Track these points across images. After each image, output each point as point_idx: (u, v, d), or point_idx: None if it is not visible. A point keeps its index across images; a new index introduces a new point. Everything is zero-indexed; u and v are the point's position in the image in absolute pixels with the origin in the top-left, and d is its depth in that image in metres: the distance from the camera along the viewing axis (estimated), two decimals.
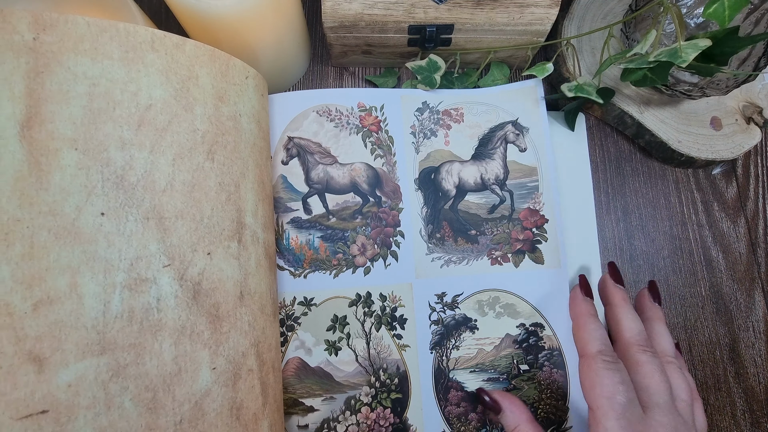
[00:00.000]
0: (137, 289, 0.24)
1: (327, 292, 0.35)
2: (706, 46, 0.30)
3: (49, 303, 0.22)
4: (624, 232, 0.40)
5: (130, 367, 0.23)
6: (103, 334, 0.23)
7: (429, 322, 0.36)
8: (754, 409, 0.37)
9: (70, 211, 0.23)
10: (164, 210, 0.26)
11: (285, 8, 0.33)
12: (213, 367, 0.26)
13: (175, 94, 0.27)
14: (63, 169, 0.23)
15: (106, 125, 0.25)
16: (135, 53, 0.26)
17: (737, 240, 0.41)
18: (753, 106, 0.40)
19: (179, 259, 0.26)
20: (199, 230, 0.27)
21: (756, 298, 0.40)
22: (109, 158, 0.24)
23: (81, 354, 0.22)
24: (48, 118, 0.23)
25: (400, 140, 0.38)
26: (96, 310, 0.23)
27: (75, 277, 0.23)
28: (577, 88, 0.37)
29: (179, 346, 0.25)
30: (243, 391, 0.27)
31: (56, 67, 0.24)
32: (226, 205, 0.28)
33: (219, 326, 0.27)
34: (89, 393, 0.22)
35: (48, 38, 0.24)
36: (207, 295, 0.26)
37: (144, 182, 0.25)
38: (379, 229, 0.37)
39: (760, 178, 0.42)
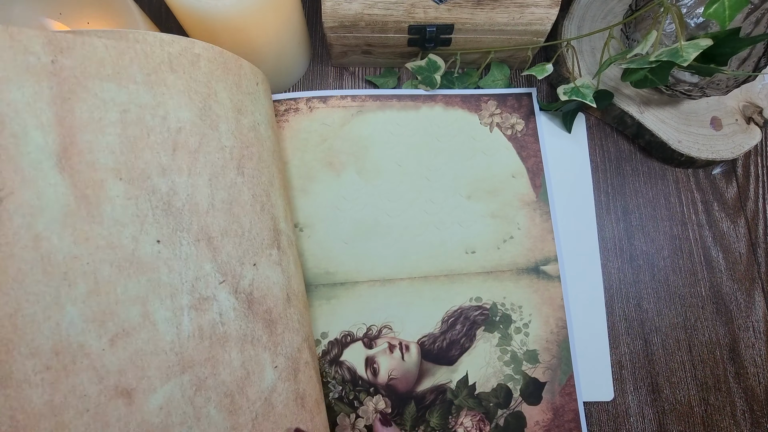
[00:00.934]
0: (201, 307, 0.25)
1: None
2: (707, 46, 0.30)
3: (125, 335, 0.23)
4: (624, 232, 0.40)
5: (209, 379, 0.25)
6: (181, 354, 0.24)
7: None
8: (754, 409, 0.37)
9: (128, 243, 0.23)
10: (211, 230, 0.26)
11: (285, 8, 0.33)
12: (275, 366, 0.28)
13: (200, 114, 0.27)
14: (112, 200, 0.23)
15: (144, 152, 0.24)
16: (156, 75, 0.25)
17: (737, 240, 0.41)
18: (753, 106, 0.40)
19: (231, 274, 0.27)
20: (243, 244, 0.28)
21: (756, 298, 0.40)
22: (153, 186, 0.24)
23: (165, 377, 0.24)
24: (86, 148, 0.22)
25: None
26: (171, 334, 0.24)
27: (146, 305, 0.23)
28: (573, 91, 0.37)
29: (244, 352, 0.27)
30: (303, 382, 0.29)
31: (83, 93, 0.23)
32: (262, 215, 0.29)
33: (274, 329, 0.28)
34: (179, 410, 0.24)
35: (67, 62, 0.22)
36: (259, 303, 0.28)
37: (189, 206, 0.26)
38: None
39: (760, 178, 0.42)
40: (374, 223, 0.37)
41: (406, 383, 0.34)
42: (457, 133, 0.39)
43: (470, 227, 0.37)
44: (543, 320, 0.36)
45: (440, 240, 0.37)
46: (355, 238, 0.37)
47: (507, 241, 0.37)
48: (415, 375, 0.35)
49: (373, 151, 0.39)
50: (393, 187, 0.38)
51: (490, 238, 0.37)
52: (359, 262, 0.37)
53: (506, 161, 0.39)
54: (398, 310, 0.36)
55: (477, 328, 0.36)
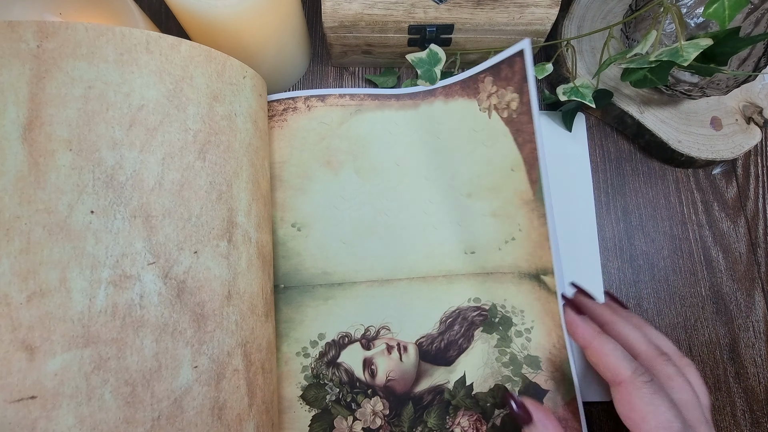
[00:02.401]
0: (121, 285, 0.25)
1: None
2: (707, 46, 0.30)
3: (41, 295, 0.23)
4: (624, 232, 0.40)
5: (111, 361, 0.24)
6: (88, 327, 0.24)
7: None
8: (754, 409, 0.37)
9: (63, 209, 0.24)
10: (151, 208, 0.26)
11: (285, 8, 0.33)
12: (195, 366, 0.26)
13: (167, 95, 0.27)
14: (58, 169, 0.25)
15: (99, 126, 0.25)
16: (129, 55, 0.26)
17: (737, 240, 0.41)
18: (753, 106, 0.40)
19: (164, 257, 0.26)
20: (187, 229, 0.27)
21: (756, 298, 0.40)
22: (100, 158, 0.25)
23: (67, 345, 0.24)
24: (47, 120, 0.25)
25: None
26: (82, 304, 0.24)
27: (65, 271, 0.24)
28: (572, 91, 0.37)
29: (160, 343, 0.25)
30: (227, 391, 0.27)
31: (56, 72, 0.25)
32: (217, 204, 0.28)
33: (203, 325, 0.27)
34: (73, 383, 0.23)
35: (50, 45, 0.25)
36: (192, 294, 0.27)
37: (132, 181, 0.26)
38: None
39: (760, 178, 0.42)
40: (372, 223, 0.37)
41: (404, 384, 0.34)
42: (457, 126, 0.38)
43: (470, 227, 0.37)
44: (546, 331, 0.34)
45: (440, 240, 0.37)
46: (353, 238, 0.37)
47: (509, 243, 0.37)
48: (413, 376, 0.34)
49: (371, 150, 0.38)
50: (391, 187, 0.38)
51: (491, 239, 0.37)
52: (357, 262, 0.36)
53: (505, 151, 0.37)
54: (396, 311, 0.36)
55: (475, 329, 0.35)
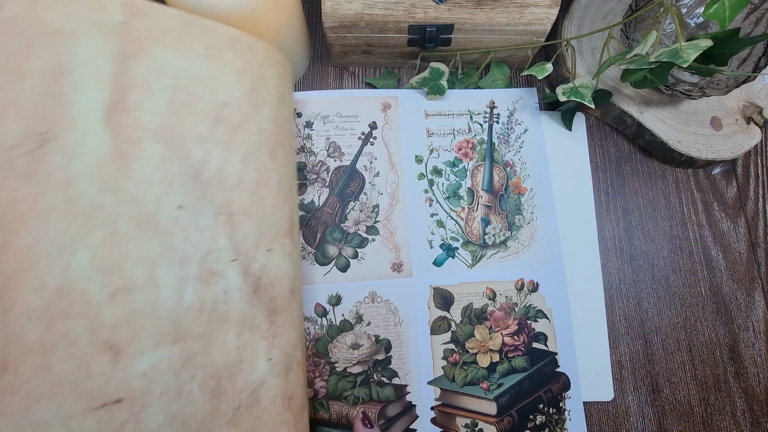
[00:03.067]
0: (208, 281, 0.25)
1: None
2: (707, 46, 0.30)
3: (127, 292, 0.22)
4: (624, 232, 0.40)
5: (200, 356, 0.24)
6: (177, 323, 0.23)
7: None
8: (754, 409, 0.37)
9: (151, 202, 0.23)
10: (234, 206, 0.26)
11: (285, 8, 0.33)
12: (269, 358, 0.27)
13: (247, 94, 0.27)
14: (146, 159, 0.23)
15: (187, 119, 0.25)
16: (216, 50, 0.26)
17: (737, 240, 0.41)
18: (753, 106, 0.40)
19: (244, 254, 0.26)
20: (262, 227, 0.27)
21: (756, 298, 0.40)
22: (188, 152, 0.25)
23: (156, 343, 0.23)
24: (134, 106, 0.23)
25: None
26: (171, 301, 0.23)
27: (153, 267, 0.23)
28: (572, 92, 0.37)
29: (241, 337, 0.26)
30: (294, 382, 0.28)
31: (144, 56, 0.24)
32: (283, 204, 0.29)
33: (275, 320, 0.27)
34: (163, 381, 0.23)
35: (138, 25, 0.24)
36: (266, 290, 0.27)
37: (218, 178, 0.26)
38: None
39: (760, 178, 0.42)
40: None
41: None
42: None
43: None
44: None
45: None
46: None
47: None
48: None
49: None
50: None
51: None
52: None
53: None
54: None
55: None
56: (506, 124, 0.41)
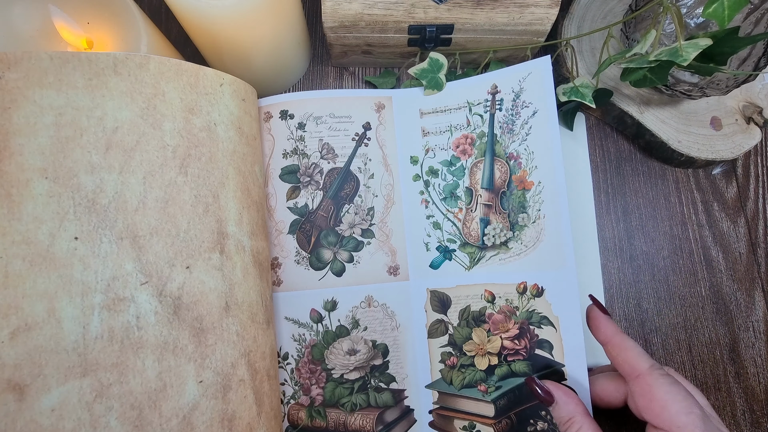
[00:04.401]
0: (115, 308, 0.24)
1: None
2: (707, 46, 0.30)
3: (27, 330, 0.23)
4: (624, 232, 0.40)
5: (114, 387, 0.24)
6: (84, 355, 0.23)
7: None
8: (754, 409, 0.37)
9: (44, 238, 0.24)
10: (138, 228, 0.26)
11: (285, 8, 0.33)
12: (200, 381, 0.26)
13: (141, 114, 0.27)
14: (35, 198, 0.24)
15: (75, 152, 0.25)
16: (98, 79, 0.26)
17: (737, 240, 0.41)
18: (753, 106, 0.40)
19: (157, 276, 0.26)
20: (176, 245, 0.27)
21: (756, 298, 0.40)
22: (79, 184, 0.25)
23: (63, 377, 0.23)
24: (17, 150, 0.24)
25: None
26: (75, 333, 0.23)
27: (52, 302, 0.23)
28: (572, 91, 0.37)
29: (162, 362, 0.25)
30: (235, 402, 0.27)
31: (23, 102, 0.25)
32: (204, 217, 0.28)
33: (204, 339, 0.27)
34: (74, 416, 0.23)
35: (13, 75, 0.25)
36: (188, 309, 0.26)
37: (116, 203, 0.26)
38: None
39: (760, 178, 0.42)
40: None
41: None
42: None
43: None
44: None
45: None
46: None
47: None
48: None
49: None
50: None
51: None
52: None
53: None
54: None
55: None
56: (510, 110, 0.37)
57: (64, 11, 0.33)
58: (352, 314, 0.35)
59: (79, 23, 0.34)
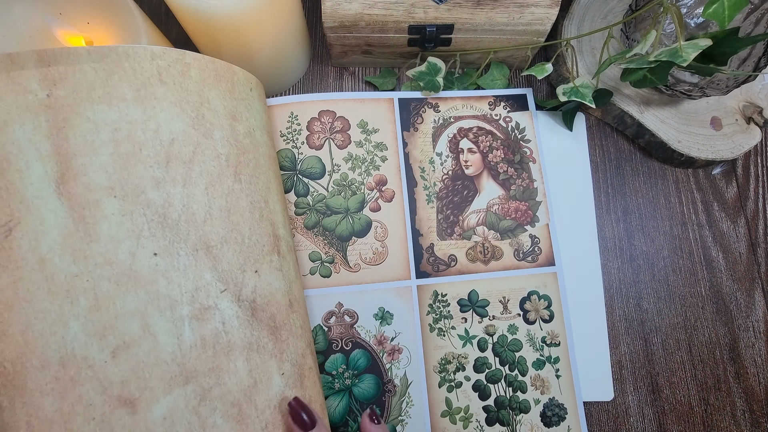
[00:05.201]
0: (203, 317, 0.25)
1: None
2: (707, 46, 0.30)
3: (126, 347, 0.23)
4: (624, 232, 0.40)
5: (214, 389, 0.25)
6: (183, 365, 0.24)
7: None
8: (754, 409, 0.37)
9: (125, 258, 0.24)
10: (209, 239, 0.26)
11: (285, 8, 0.33)
12: (282, 373, 0.27)
13: (192, 124, 0.27)
14: (108, 218, 0.24)
15: (137, 167, 0.25)
16: (146, 90, 0.26)
17: (737, 240, 0.41)
18: (753, 106, 0.40)
19: (233, 282, 0.27)
20: (244, 251, 0.27)
21: (756, 298, 0.40)
22: (148, 200, 0.25)
23: (168, 387, 0.24)
24: (81, 171, 0.24)
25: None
26: (171, 345, 0.24)
27: (145, 318, 0.24)
28: (572, 92, 0.37)
29: (250, 361, 0.26)
30: (309, 388, 0.29)
31: (76, 119, 0.24)
32: (261, 222, 0.29)
33: (279, 335, 0.28)
34: (184, 420, 0.24)
35: (61, 92, 0.24)
36: (263, 310, 0.28)
37: (185, 216, 0.26)
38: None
39: (760, 178, 0.42)
40: None
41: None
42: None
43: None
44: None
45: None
46: None
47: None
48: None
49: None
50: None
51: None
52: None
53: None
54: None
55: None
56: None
57: (64, 11, 0.33)
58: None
59: (79, 23, 0.34)
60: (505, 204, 0.39)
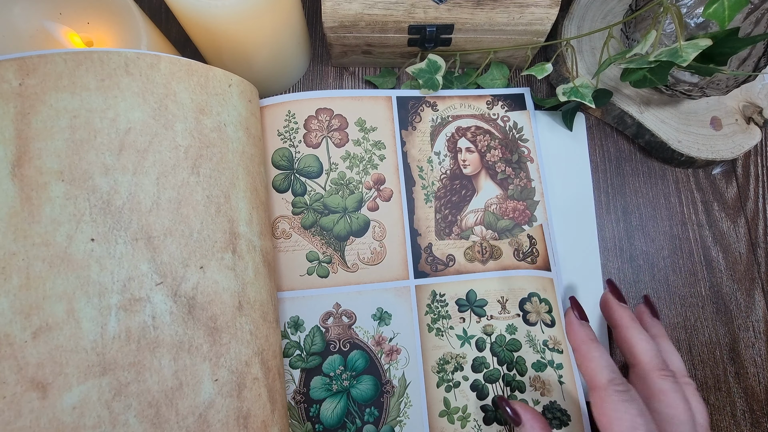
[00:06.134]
0: (132, 309, 0.25)
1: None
2: (707, 46, 0.30)
3: (48, 330, 0.23)
4: (624, 232, 0.40)
5: (132, 385, 0.24)
6: (103, 355, 0.24)
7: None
8: (754, 409, 0.37)
9: (62, 240, 0.24)
10: (152, 229, 0.26)
11: (285, 8, 0.33)
12: (215, 379, 0.26)
13: (153, 114, 0.27)
14: (52, 200, 0.25)
15: (89, 154, 0.26)
16: (111, 80, 0.26)
17: (737, 240, 0.41)
18: (753, 106, 0.40)
19: (171, 276, 0.26)
20: (190, 245, 0.27)
21: (756, 298, 0.40)
22: (94, 186, 0.25)
23: (83, 376, 0.23)
24: (36, 154, 0.25)
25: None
26: (94, 333, 0.24)
27: (71, 302, 0.24)
28: (572, 92, 0.37)
29: (178, 360, 0.25)
30: (249, 400, 0.27)
31: (40, 107, 0.25)
32: (217, 217, 0.28)
33: (218, 338, 0.27)
34: (94, 413, 0.23)
35: (32, 81, 0.25)
36: (203, 309, 0.27)
37: (130, 204, 0.26)
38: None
39: (760, 178, 0.42)
40: None
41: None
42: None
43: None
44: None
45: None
46: None
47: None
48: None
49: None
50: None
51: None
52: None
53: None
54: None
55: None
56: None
57: (64, 11, 0.33)
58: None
59: (79, 23, 0.34)
60: (503, 203, 0.39)
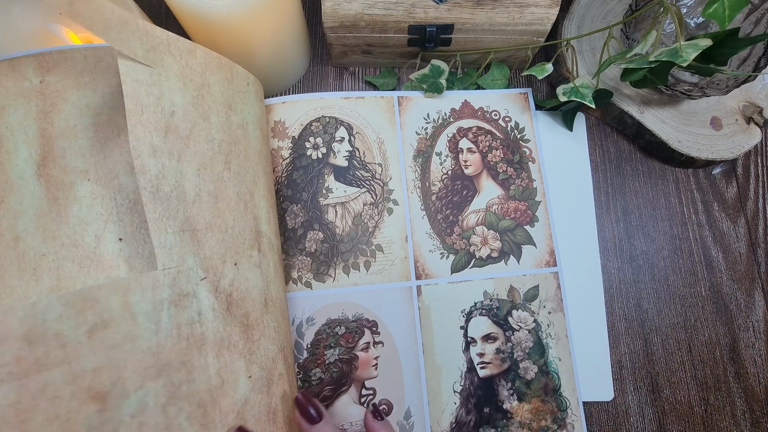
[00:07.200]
0: (181, 304, 0.23)
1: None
2: (707, 46, 0.30)
3: (105, 327, 0.21)
4: (624, 232, 0.40)
5: (184, 386, 0.23)
6: (158, 354, 0.22)
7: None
8: (754, 409, 0.37)
9: (90, 240, 0.24)
10: (196, 222, 0.25)
11: (285, 8, 0.33)
12: (249, 376, 0.26)
13: (192, 102, 0.26)
14: (79, 200, 0.24)
15: (114, 153, 0.25)
16: (155, 54, 0.25)
17: (737, 240, 0.41)
18: (753, 106, 0.40)
19: (213, 272, 0.25)
20: (226, 241, 0.26)
21: (756, 298, 0.40)
22: (120, 184, 0.25)
23: (141, 380, 0.21)
24: (60, 154, 0.24)
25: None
26: (149, 330, 0.22)
27: (126, 296, 0.22)
28: (572, 92, 0.37)
29: (220, 358, 0.25)
30: (276, 396, 0.27)
31: (62, 104, 0.25)
32: (245, 214, 0.28)
33: (251, 335, 0.27)
34: (152, 420, 0.21)
35: (52, 78, 0.25)
36: (238, 306, 0.26)
37: (177, 193, 0.24)
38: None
39: (760, 178, 0.42)
40: None
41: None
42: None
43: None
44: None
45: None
46: None
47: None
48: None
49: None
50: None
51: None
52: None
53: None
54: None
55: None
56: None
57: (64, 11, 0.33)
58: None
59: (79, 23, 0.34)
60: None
